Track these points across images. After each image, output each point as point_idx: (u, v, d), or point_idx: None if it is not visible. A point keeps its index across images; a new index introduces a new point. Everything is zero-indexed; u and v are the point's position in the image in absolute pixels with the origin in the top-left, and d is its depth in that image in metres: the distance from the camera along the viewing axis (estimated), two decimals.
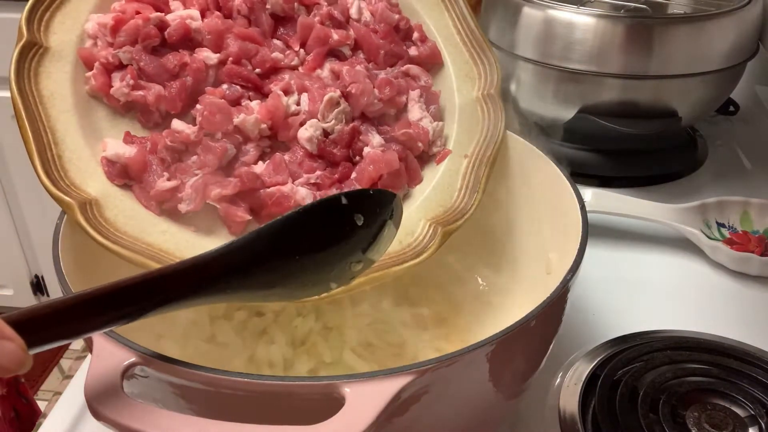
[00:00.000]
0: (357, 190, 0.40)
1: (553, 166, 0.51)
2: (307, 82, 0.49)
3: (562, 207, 0.49)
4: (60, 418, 0.52)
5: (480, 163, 0.52)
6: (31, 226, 1.88)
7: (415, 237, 0.48)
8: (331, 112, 0.48)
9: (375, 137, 0.50)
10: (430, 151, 0.52)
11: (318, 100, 0.48)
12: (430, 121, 0.52)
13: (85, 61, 0.47)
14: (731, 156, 0.86)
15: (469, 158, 0.52)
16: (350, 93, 0.49)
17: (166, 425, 0.31)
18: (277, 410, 0.34)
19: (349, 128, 0.49)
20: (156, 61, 0.47)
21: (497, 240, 0.58)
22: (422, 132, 0.51)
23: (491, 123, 0.54)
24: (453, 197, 0.50)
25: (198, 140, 0.46)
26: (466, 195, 0.50)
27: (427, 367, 0.34)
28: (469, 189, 0.51)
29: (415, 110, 0.52)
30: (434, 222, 0.48)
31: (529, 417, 0.50)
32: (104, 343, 0.35)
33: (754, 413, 0.48)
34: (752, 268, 0.65)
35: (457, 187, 0.51)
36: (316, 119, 0.48)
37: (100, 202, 0.43)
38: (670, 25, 0.71)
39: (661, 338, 0.55)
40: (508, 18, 0.77)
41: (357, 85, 0.49)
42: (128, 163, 0.45)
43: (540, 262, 0.51)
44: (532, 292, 0.49)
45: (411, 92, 0.53)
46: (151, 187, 0.45)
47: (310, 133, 0.48)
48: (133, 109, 0.48)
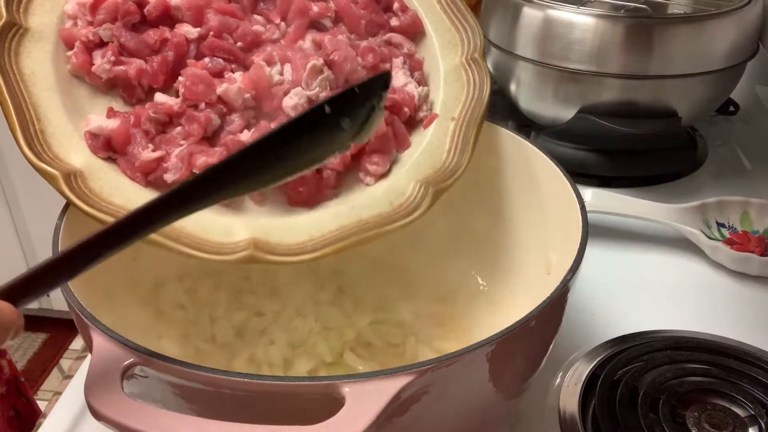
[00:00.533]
0: (340, 93, 0.39)
1: (553, 166, 0.51)
2: (289, 53, 0.50)
3: (562, 207, 0.49)
4: (60, 418, 0.52)
5: (467, 125, 0.52)
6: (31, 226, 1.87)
7: (406, 197, 0.48)
8: (315, 79, 0.48)
9: None
10: (416, 116, 0.53)
11: (301, 69, 0.48)
12: (416, 86, 0.52)
13: (66, 41, 0.47)
14: (731, 156, 0.86)
15: (456, 121, 0.52)
16: (333, 61, 0.49)
17: (166, 425, 0.31)
18: (277, 410, 0.35)
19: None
20: (136, 37, 0.48)
21: (497, 240, 0.58)
22: (408, 97, 0.51)
23: (476, 86, 0.54)
24: (442, 158, 0.50)
25: (181, 111, 0.46)
26: (456, 155, 0.50)
27: (427, 367, 0.34)
28: (458, 150, 0.51)
29: (400, 76, 0.52)
30: (425, 182, 0.48)
31: (529, 417, 0.50)
32: (104, 343, 0.35)
33: (754, 413, 0.48)
34: (752, 268, 0.65)
35: (445, 149, 0.51)
36: (300, 88, 0.48)
37: (85, 174, 0.43)
38: (670, 25, 0.71)
39: (661, 338, 0.55)
40: (508, 18, 0.77)
41: (339, 52, 0.49)
42: (112, 135, 0.45)
43: (540, 262, 0.51)
44: (532, 292, 0.49)
45: (394, 59, 0.53)
46: (136, 158, 0.45)
47: (294, 101, 0.48)
48: (115, 87, 0.48)
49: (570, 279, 0.40)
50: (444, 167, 0.50)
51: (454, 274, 0.60)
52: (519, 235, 0.56)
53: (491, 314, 0.56)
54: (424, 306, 0.59)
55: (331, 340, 0.54)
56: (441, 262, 0.61)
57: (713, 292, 0.64)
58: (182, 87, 0.47)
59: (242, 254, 0.43)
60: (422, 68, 0.54)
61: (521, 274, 0.56)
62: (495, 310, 0.57)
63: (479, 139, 0.57)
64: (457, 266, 0.60)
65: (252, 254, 0.43)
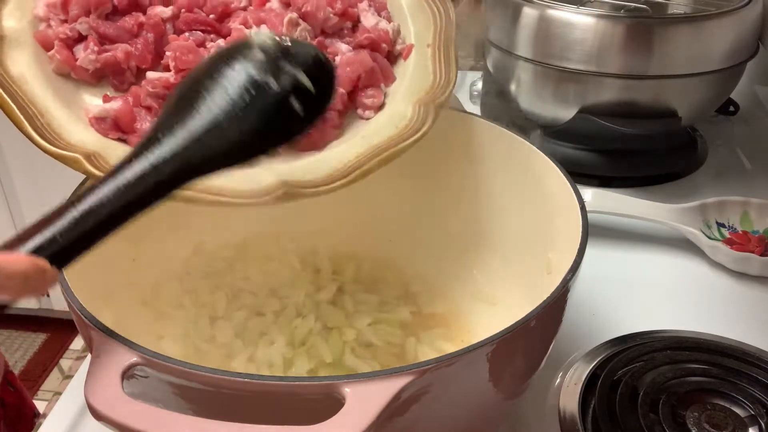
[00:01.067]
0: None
1: (553, 166, 0.51)
2: (262, 14, 0.51)
3: (562, 207, 0.49)
4: (60, 418, 0.52)
5: (445, 46, 0.54)
6: None
7: (408, 119, 0.50)
8: (294, 31, 0.50)
9: (342, 45, 0.52)
10: (394, 50, 0.54)
11: (279, 26, 0.50)
12: (386, 23, 0.54)
13: (43, 43, 0.48)
14: (731, 156, 0.86)
15: (432, 46, 0.54)
16: (306, 12, 0.51)
17: (166, 425, 0.31)
18: (277, 410, 0.34)
19: (315, 42, 0.51)
20: (114, 24, 0.49)
21: (497, 240, 0.58)
22: (383, 33, 0.53)
23: (441, 12, 0.56)
24: (430, 79, 0.53)
25: (177, 82, 0.47)
26: (443, 73, 0.53)
27: (427, 367, 0.34)
28: (443, 68, 0.53)
29: (369, 18, 0.54)
30: (422, 102, 0.51)
31: (529, 417, 0.50)
32: (104, 343, 0.35)
33: (754, 413, 0.48)
34: (752, 268, 0.65)
35: (430, 70, 0.53)
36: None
37: (102, 154, 0.44)
38: (670, 25, 0.71)
39: (661, 338, 0.55)
40: (508, 18, 0.77)
41: (310, 3, 0.51)
42: (117, 114, 0.46)
43: (540, 262, 0.51)
44: (532, 292, 0.49)
45: (360, 4, 0.54)
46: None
47: None
48: (102, 77, 0.49)
49: (570, 279, 0.40)
50: (435, 85, 0.52)
51: (454, 274, 0.60)
52: (519, 235, 0.56)
53: (491, 314, 0.56)
54: (424, 306, 0.59)
55: (331, 340, 0.54)
56: (441, 262, 0.61)
57: (713, 292, 0.64)
58: (172, 60, 0.47)
59: (279, 193, 0.45)
60: (386, 8, 0.56)
61: (521, 274, 0.56)
62: (495, 310, 0.57)
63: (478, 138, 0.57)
64: (457, 266, 0.60)
65: (288, 191, 0.45)
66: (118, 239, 0.50)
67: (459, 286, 0.59)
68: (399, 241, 0.62)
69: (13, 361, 1.98)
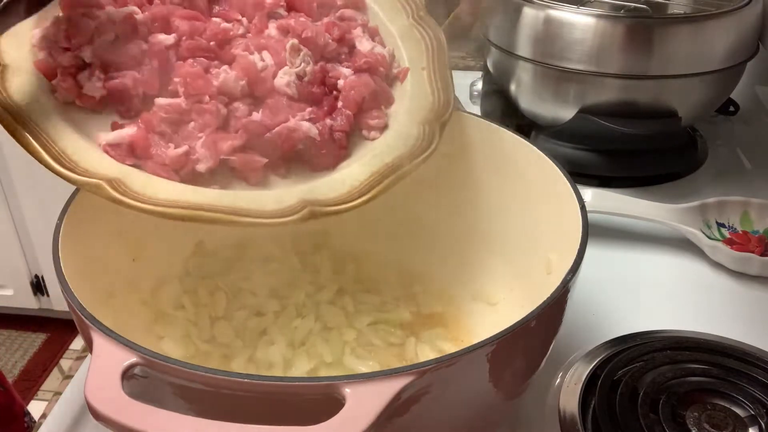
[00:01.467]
0: None
1: (553, 166, 0.51)
2: (263, 41, 0.52)
3: (562, 207, 0.49)
4: (60, 418, 0.52)
5: (439, 69, 0.56)
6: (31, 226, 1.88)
7: (416, 138, 0.52)
8: (297, 57, 0.51)
9: (344, 70, 0.53)
10: (390, 73, 0.56)
11: (281, 52, 0.51)
12: (382, 47, 0.56)
13: (44, 72, 0.47)
14: (731, 156, 0.86)
15: (427, 69, 0.56)
16: (306, 38, 0.52)
17: (166, 425, 0.31)
18: (277, 410, 0.35)
19: (318, 67, 0.52)
20: (118, 50, 0.48)
21: (497, 240, 0.58)
22: (380, 57, 0.54)
23: (432, 37, 0.58)
24: (430, 100, 0.55)
25: (189, 108, 0.47)
26: (442, 93, 0.55)
27: (427, 367, 0.34)
28: (441, 89, 0.55)
29: (364, 43, 0.55)
30: (426, 122, 0.53)
31: (529, 417, 0.50)
32: (104, 343, 0.35)
33: (754, 413, 0.48)
34: (752, 268, 0.65)
35: (429, 92, 0.55)
36: (287, 67, 0.51)
37: (122, 180, 0.44)
38: (670, 25, 0.71)
39: (661, 338, 0.55)
40: (508, 18, 0.77)
41: (309, 29, 0.52)
42: (132, 140, 0.46)
43: (540, 262, 0.51)
44: (532, 292, 0.49)
45: (354, 30, 0.55)
46: (164, 158, 0.46)
47: (286, 79, 0.50)
48: (109, 104, 0.48)
49: (570, 279, 0.40)
50: (437, 105, 0.54)
51: (454, 274, 0.60)
52: (519, 235, 0.56)
53: (491, 314, 0.56)
54: (424, 306, 0.59)
55: (331, 340, 0.54)
56: (441, 262, 0.61)
57: (713, 292, 0.64)
58: (182, 86, 0.47)
59: (303, 212, 0.46)
60: (379, 34, 0.57)
61: (521, 274, 0.56)
62: (495, 310, 0.57)
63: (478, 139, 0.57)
64: (457, 266, 0.60)
65: (312, 210, 0.46)
66: (119, 239, 0.50)
67: (459, 286, 0.59)
68: (399, 241, 0.62)
69: (13, 361, 1.98)
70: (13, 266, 1.94)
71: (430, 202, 0.61)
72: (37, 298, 2.01)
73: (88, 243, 0.45)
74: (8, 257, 1.91)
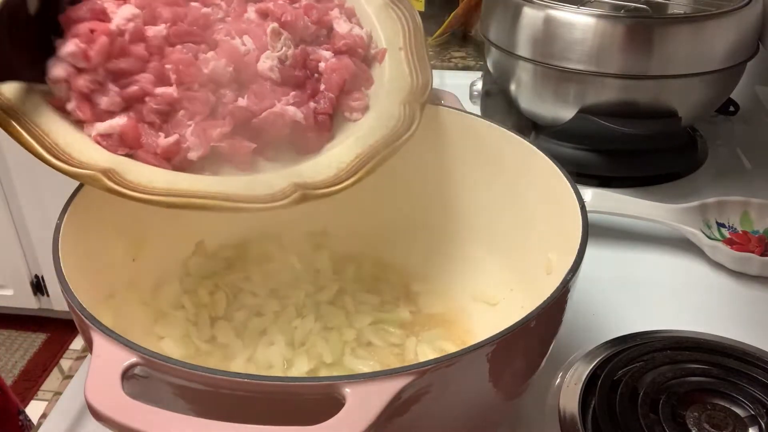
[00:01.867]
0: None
1: (553, 166, 0.51)
2: (243, 26, 0.52)
3: (562, 207, 0.49)
4: (60, 418, 0.52)
5: (416, 49, 0.57)
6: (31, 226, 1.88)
7: (397, 118, 0.53)
8: (278, 41, 0.51)
9: (324, 53, 0.53)
10: (369, 54, 0.56)
11: (262, 36, 0.51)
12: (360, 29, 0.56)
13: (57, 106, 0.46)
14: (731, 156, 0.86)
15: (404, 49, 0.57)
16: (286, 22, 0.52)
17: (166, 425, 0.31)
18: (277, 410, 0.35)
19: (299, 50, 0.52)
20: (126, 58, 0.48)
21: (497, 240, 0.58)
22: (358, 38, 0.55)
23: (407, 17, 0.58)
24: (409, 81, 0.55)
25: (180, 96, 0.47)
26: (420, 74, 0.56)
27: (427, 367, 0.34)
28: (419, 69, 0.56)
29: (342, 24, 0.55)
30: (407, 102, 0.54)
31: (529, 417, 0.50)
32: (104, 343, 0.35)
33: (754, 413, 0.48)
34: (752, 268, 0.65)
35: (407, 73, 0.56)
36: (268, 51, 0.51)
37: (116, 170, 0.44)
38: (670, 25, 0.71)
39: (661, 338, 0.55)
40: (508, 18, 0.77)
41: (288, 13, 0.52)
42: (123, 130, 0.46)
43: (540, 262, 0.51)
44: (532, 292, 0.49)
45: (331, 12, 0.56)
46: (155, 147, 0.46)
47: (269, 64, 0.50)
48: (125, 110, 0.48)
49: (570, 279, 0.40)
50: (415, 86, 0.55)
51: (454, 274, 0.60)
52: (519, 235, 0.56)
53: (491, 314, 0.56)
54: (424, 306, 0.59)
55: (331, 340, 0.54)
56: (441, 263, 0.61)
57: (713, 292, 0.64)
58: (173, 73, 0.48)
59: (295, 196, 0.46)
60: (355, 14, 0.58)
61: (521, 274, 0.56)
62: (495, 310, 0.57)
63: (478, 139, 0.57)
64: (457, 266, 0.60)
65: (304, 193, 0.46)
66: (119, 239, 0.50)
67: (459, 286, 0.59)
68: (399, 241, 0.62)
69: (13, 361, 1.98)
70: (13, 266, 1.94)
71: (429, 202, 0.61)
72: (37, 298, 2.01)
73: (88, 243, 0.45)
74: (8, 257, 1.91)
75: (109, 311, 0.47)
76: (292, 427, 0.31)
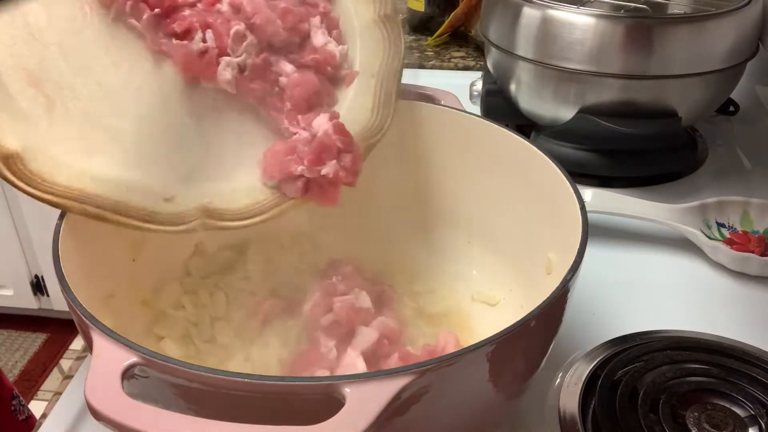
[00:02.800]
0: None
1: (553, 166, 0.51)
2: (209, 18, 0.50)
3: (562, 207, 0.49)
4: (60, 418, 0.52)
5: (388, 80, 0.54)
6: (31, 226, 1.88)
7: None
8: (240, 45, 0.49)
9: (287, 65, 0.51)
10: (338, 74, 0.54)
11: (224, 35, 0.49)
12: (335, 45, 0.53)
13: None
14: (731, 156, 0.86)
15: (376, 77, 0.54)
16: (254, 24, 0.50)
17: (166, 425, 0.31)
18: (277, 410, 0.35)
19: (260, 59, 0.50)
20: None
21: (497, 240, 0.58)
22: (329, 55, 0.52)
23: (392, 41, 0.56)
24: (368, 116, 0.53)
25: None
26: (380, 111, 0.53)
27: (427, 367, 0.34)
28: (382, 105, 0.53)
29: (319, 36, 0.53)
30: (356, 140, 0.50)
31: (529, 417, 0.50)
32: (104, 343, 0.35)
33: (754, 413, 0.48)
34: (752, 268, 0.65)
35: (369, 107, 0.53)
36: (228, 56, 0.49)
37: (22, 156, 0.43)
38: (670, 25, 0.71)
39: (661, 338, 0.55)
40: (508, 18, 0.77)
41: (260, 15, 0.50)
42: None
43: (540, 262, 0.51)
44: (532, 292, 0.49)
45: (312, 19, 0.53)
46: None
47: (229, 75, 0.49)
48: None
49: (570, 279, 0.40)
50: (370, 124, 0.52)
51: (455, 274, 0.60)
52: (519, 235, 0.56)
53: (491, 314, 0.56)
54: (425, 306, 0.59)
55: None
56: (441, 263, 0.61)
57: (713, 292, 0.64)
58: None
59: (193, 223, 0.45)
60: (339, 27, 0.55)
61: (521, 274, 0.56)
62: (495, 310, 0.57)
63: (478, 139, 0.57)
64: (457, 266, 0.60)
65: (204, 222, 0.45)
66: (119, 239, 0.50)
67: (459, 286, 0.59)
68: (399, 241, 0.62)
69: (13, 361, 1.98)
70: (13, 266, 1.94)
71: (429, 202, 0.61)
72: (37, 298, 2.01)
73: (88, 243, 0.45)
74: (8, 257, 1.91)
75: (109, 311, 0.47)
76: (292, 427, 0.31)
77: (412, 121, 0.59)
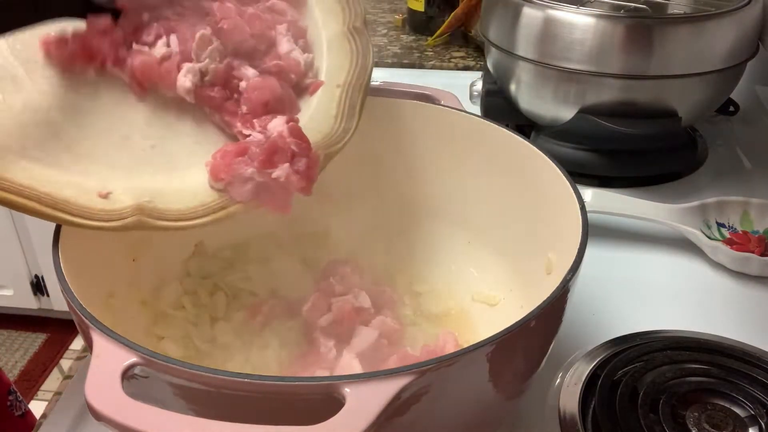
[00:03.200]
0: None
1: (553, 166, 0.51)
2: (173, 23, 0.49)
3: (562, 207, 0.49)
4: (60, 418, 0.52)
5: (353, 91, 0.53)
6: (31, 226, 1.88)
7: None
8: (204, 50, 0.48)
9: (249, 71, 0.50)
10: (302, 83, 0.53)
11: (189, 40, 0.48)
12: (300, 53, 0.53)
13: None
14: (731, 156, 0.86)
15: (341, 87, 0.53)
16: (221, 29, 0.49)
17: (166, 425, 0.31)
18: (277, 410, 0.35)
19: (223, 65, 0.49)
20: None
21: (497, 240, 0.58)
22: (293, 63, 0.52)
23: (360, 53, 0.55)
24: (330, 124, 0.51)
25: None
26: (343, 121, 0.52)
27: (428, 367, 0.34)
28: (345, 115, 0.52)
29: (284, 44, 0.52)
30: (315, 147, 0.49)
31: (529, 417, 0.50)
32: (104, 343, 0.35)
33: (754, 413, 0.48)
34: (752, 268, 0.65)
35: (332, 114, 0.52)
36: (191, 63, 0.48)
37: None
38: (670, 25, 0.71)
39: (661, 338, 0.55)
40: (508, 18, 0.77)
41: (228, 20, 0.49)
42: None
43: (540, 262, 0.51)
44: (532, 292, 0.49)
45: (278, 26, 0.53)
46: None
47: (189, 83, 0.48)
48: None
49: (570, 279, 0.40)
50: (332, 132, 0.51)
51: (455, 274, 0.60)
52: (519, 234, 0.56)
53: (491, 314, 0.56)
54: (425, 305, 0.59)
55: None
56: (441, 263, 0.61)
57: (713, 292, 0.64)
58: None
59: (128, 221, 0.43)
60: (306, 36, 0.55)
61: (521, 274, 0.56)
62: (495, 310, 0.57)
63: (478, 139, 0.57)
64: (457, 266, 0.60)
65: (140, 219, 0.43)
66: (119, 239, 0.50)
67: (459, 286, 0.59)
68: (399, 241, 0.62)
69: (13, 361, 1.98)
70: (13, 266, 1.94)
71: (428, 202, 0.61)
72: (37, 298, 2.01)
73: (88, 243, 0.45)
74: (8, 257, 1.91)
75: (109, 311, 0.47)
76: (292, 427, 0.31)
77: (411, 121, 0.59)
